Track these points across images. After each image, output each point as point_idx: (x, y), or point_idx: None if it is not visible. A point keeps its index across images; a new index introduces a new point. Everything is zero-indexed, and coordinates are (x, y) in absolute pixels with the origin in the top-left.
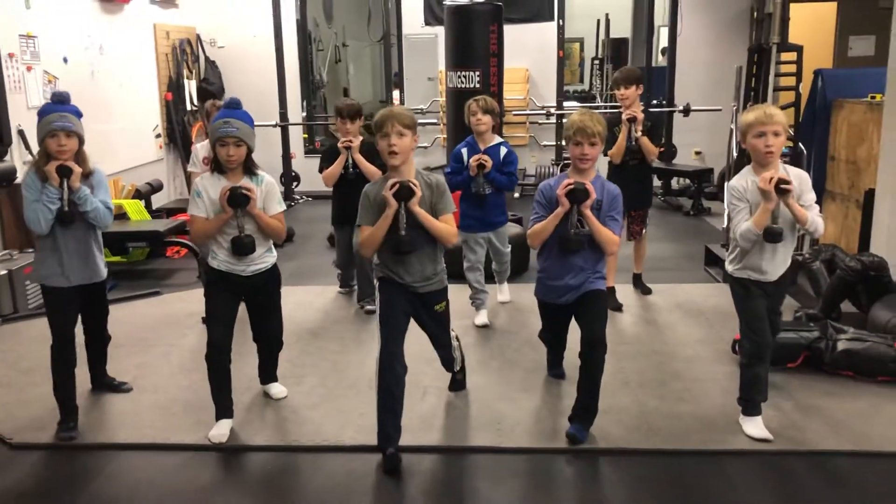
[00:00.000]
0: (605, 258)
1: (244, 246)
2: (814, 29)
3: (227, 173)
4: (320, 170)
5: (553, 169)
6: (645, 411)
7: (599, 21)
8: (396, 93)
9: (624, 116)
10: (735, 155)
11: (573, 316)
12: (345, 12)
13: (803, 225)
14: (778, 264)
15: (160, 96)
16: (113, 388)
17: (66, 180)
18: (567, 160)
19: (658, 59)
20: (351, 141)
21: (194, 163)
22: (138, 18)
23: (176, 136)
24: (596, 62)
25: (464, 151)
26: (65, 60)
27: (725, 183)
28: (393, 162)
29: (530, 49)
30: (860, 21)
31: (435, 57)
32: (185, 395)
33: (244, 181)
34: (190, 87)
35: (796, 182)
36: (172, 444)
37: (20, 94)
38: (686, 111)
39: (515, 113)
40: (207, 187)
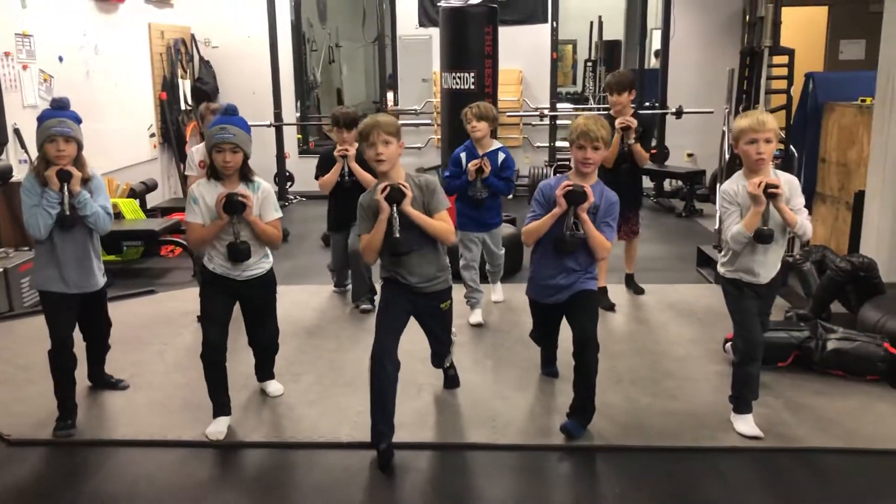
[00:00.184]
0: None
1: (239, 252)
2: (805, 33)
3: (224, 180)
4: (316, 177)
5: (547, 170)
6: (637, 409)
7: (592, 23)
8: (390, 94)
9: (617, 125)
10: (727, 157)
11: (564, 316)
12: (338, 13)
13: (792, 228)
14: (769, 267)
15: (155, 96)
16: (110, 386)
17: (67, 185)
18: (561, 162)
19: (651, 62)
20: (347, 149)
21: (190, 166)
22: (133, 18)
23: (170, 136)
24: (589, 64)
25: (462, 156)
26: (60, 59)
27: (717, 185)
28: (381, 168)
29: (524, 51)
30: (851, 25)
31: (429, 58)
32: (182, 393)
33: (241, 188)
34: (184, 87)
35: (786, 187)
36: (170, 441)
37: (16, 93)
38: (678, 113)
39: (509, 114)
40: (204, 193)
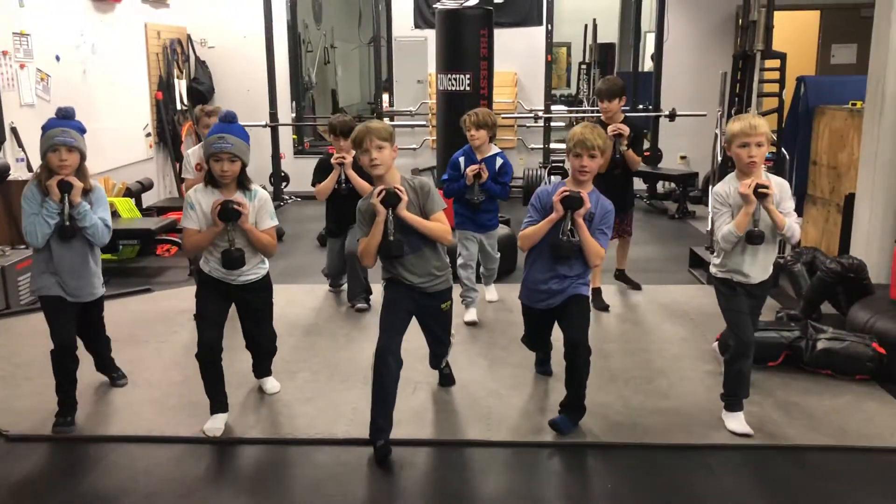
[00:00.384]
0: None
1: (234, 259)
2: (797, 37)
3: (221, 187)
4: (313, 184)
5: (541, 172)
6: (630, 407)
7: (587, 26)
8: (386, 95)
9: (609, 131)
10: (719, 160)
11: (557, 320)
12: (334, 14)
13: (781, 230)
14: (759, 268)
15: (151, 95)
16: (110, 380)
17: (67, 195)
18: (555, 164)
19: (645, 65)
20: (344, 157)
21: (187, 168)
22: (130, 18)
23: (166, 136)
24: (583, 67)
25: (461, 160)
26: (57, 59)
27: (710, 187)
28: (376, 173)
29: (519, 53)
30: (843, 29)
31: (424, 60)
32: (180, 390)
33: (237, 196)
34: (180, 87)
35: (777, 189)
36: (168, 437)
37: (13, 92)
38: (672, 116)
39: (504, 116)
40: (200, 200)
